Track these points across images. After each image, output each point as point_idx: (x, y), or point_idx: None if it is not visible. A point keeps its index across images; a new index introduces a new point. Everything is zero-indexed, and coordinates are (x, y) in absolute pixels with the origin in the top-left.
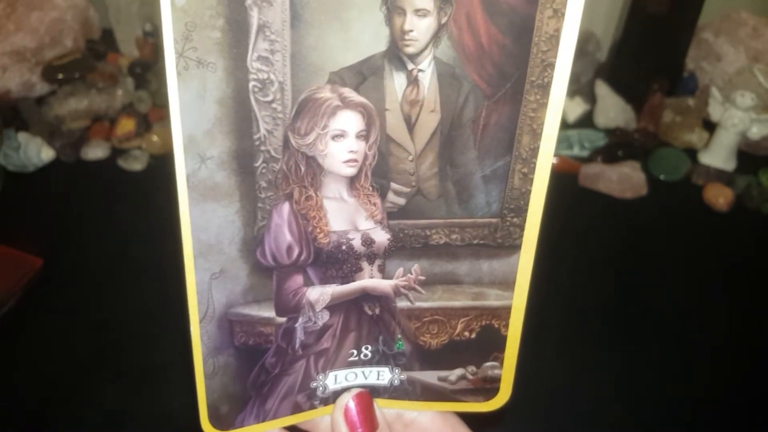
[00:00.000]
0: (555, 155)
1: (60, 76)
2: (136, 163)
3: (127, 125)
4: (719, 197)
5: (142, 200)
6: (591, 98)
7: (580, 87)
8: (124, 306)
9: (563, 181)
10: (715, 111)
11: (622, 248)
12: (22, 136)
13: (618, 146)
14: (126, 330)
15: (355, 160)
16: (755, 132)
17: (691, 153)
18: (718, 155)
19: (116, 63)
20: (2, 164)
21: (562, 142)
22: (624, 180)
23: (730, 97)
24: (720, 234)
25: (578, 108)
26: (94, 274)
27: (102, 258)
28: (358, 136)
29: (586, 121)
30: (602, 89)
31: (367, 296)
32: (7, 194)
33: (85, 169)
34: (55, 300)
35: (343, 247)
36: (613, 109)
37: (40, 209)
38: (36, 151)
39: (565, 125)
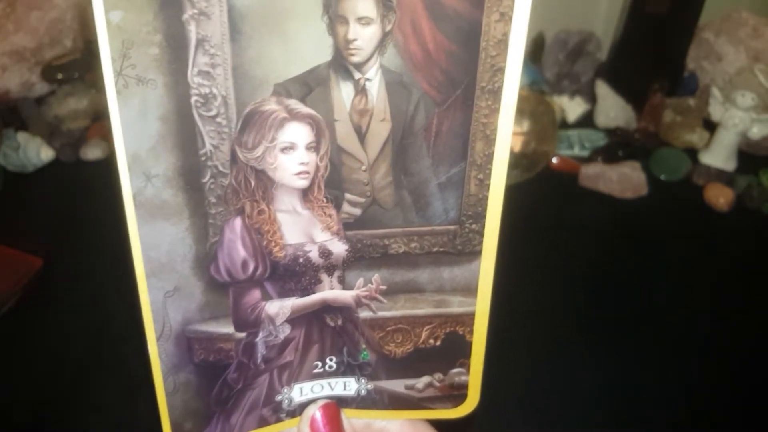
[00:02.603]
0: (555, 155)
1: (59, 76)
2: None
3: None
4: (720, 197)
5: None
6: (591, 98)
7: (580, 87)
8: (124, 306)
9: (563, 181)
10: (715, 111)
11: (622, 248)
12: (22, 136)
13: (618, 146)
14: (126, 330)
15: (307, 172)
16: (756, 132)
17: (692, 153)
18: (719, 155)
19: None
20: (2, 164)
21: (562, 142)
22: (624, 180)
23: (731, 97)
24: (720, 234)
25: (578, 108)
26: (94, 274)
27: (102, 258)
28: (308, 148)
29: (586, 121)
30: (602, 89)
31: (328, 308)
32: (7, 194)
33: (85, 169)
34: (55, 300)
35: (300, 260)
36: (613, 109)
37: (40, 209)
38: (36, 151)
39: (565, 125)
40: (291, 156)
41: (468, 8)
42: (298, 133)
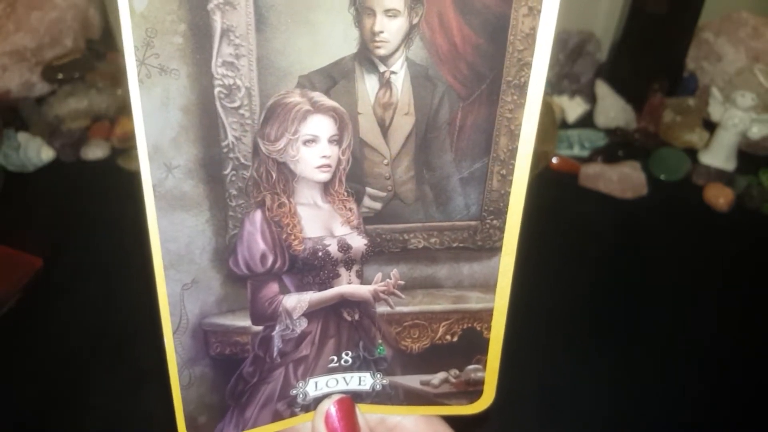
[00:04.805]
0: (555, 155)
1: (60, 76)
2: (136, 163)
3: (127, 125)
4: (719, 197)
5: (142, 200)
6: (591, 98)
7: (580, 87)
8: (124, 306)
9: (563, 181)
10: (715, 111)
11: (622, 248)
12: (22, 136)
13: (618, 146)
14: (126, 330)
15: (329, 165)
16: (755, 132)
17: (692, 153)
18: (719, 155)
19: (116, 63)
20: (2, 164)
21: (562, 142)
22: (624, 180)
23: (731, 97)
24: (720, 234)
25: (578, 108)
26: (94, 274)
27: (102, 258)
28: (331, 141)
29: (586, 121)
30: (602, 89)
31: (345, 302)
32: (7, 194)
33: (85, 169)
34: (55, 300)
35: (319, 254)
36: (613, 109)
37: (40, 209)
38: (36, 151)
39: (565, 125)
40: (313, 149)
41: (496, 2)
42: (321, 126)
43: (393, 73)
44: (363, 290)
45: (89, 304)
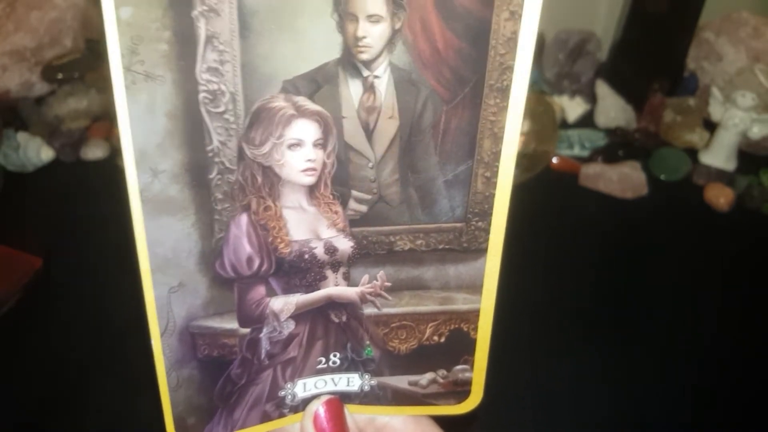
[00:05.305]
0: (555, 155)
1: (60, 76)
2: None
3: None
4: (720, 197)
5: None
6: (591, 98)
7: (580, 87)
8: (124, 306)
9: (563, 181)
10: (715, 111)
11: (622, 248)
12: (22, 136)
13: (618, 146)
14: (126, 330)
15: (314, 169)
16: (756, 132)
17: (692, 153)
18: (719, 155)
19: None
20: (2, 164)
21: (562, 142)
22: (624, 180)
23: (731, 97)
24: (720, 234)
25: (578, 108)
26: (94, 274)
27: (102, 258)
28: (316, 145)
29: (586, 121)
30: (602, 89)
31: (333, 304)
32: (7, 194)
33: (85, 169)
34: (55, 300)
35: (306, 256)
36: (613, 109)
37: (40, 209)
38: (36, 151)
39: (565, 125)
40: (298, 153)
41: (478, 6)
42: (306, 130)
43: (376, 77)
44: (350, 292)
45: (89, 304)
